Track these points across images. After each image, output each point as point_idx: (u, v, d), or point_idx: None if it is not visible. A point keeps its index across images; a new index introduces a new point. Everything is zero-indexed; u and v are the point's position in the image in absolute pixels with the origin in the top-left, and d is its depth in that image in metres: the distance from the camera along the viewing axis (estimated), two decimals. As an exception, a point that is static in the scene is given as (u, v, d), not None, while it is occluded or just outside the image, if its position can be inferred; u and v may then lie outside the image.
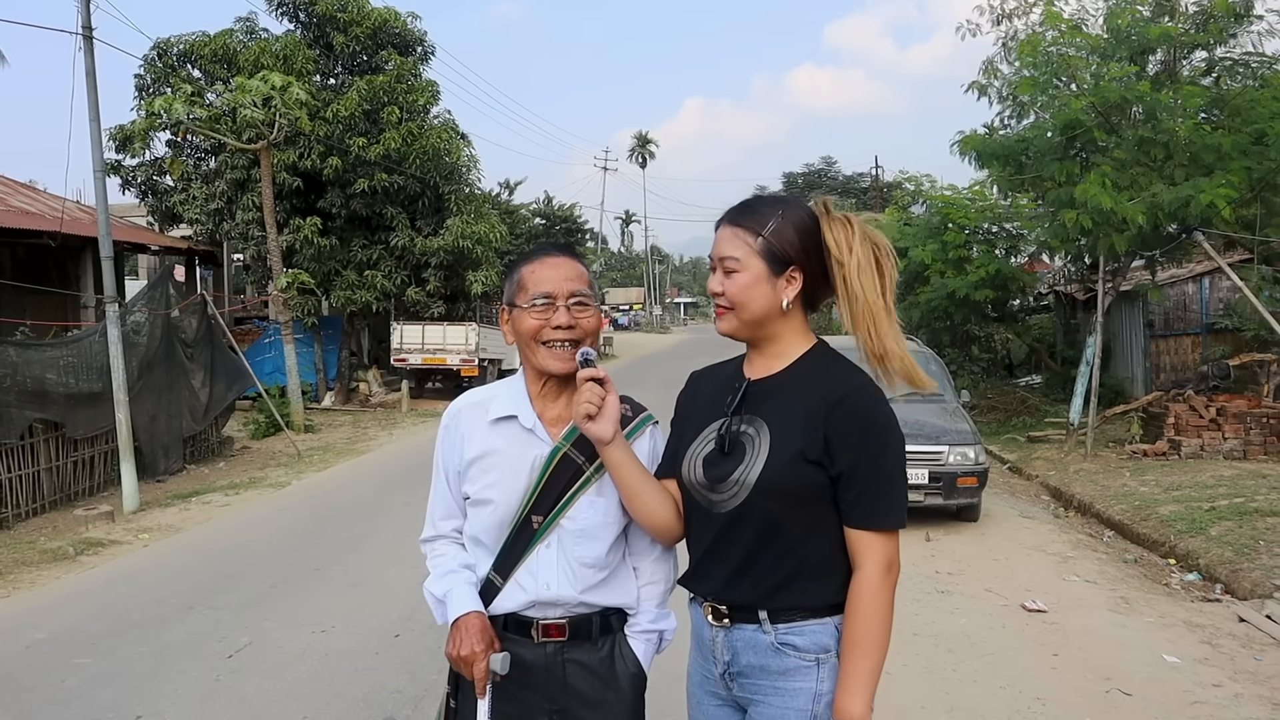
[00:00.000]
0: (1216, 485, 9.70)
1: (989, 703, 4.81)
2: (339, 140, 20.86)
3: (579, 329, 2.18)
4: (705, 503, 2.10)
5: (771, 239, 2.05)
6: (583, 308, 2.20)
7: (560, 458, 2.19)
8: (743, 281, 2.06)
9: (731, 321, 2.11)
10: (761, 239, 2.06)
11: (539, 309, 2.18)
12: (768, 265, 2.06)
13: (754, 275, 2.06)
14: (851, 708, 1.96)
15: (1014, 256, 17.88)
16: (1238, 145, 11.33)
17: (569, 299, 2.18)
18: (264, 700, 4.88)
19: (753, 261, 2.06)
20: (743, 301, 2.07)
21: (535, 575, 2.18)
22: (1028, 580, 7.16)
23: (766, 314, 2.08)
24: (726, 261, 2.08)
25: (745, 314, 2.08)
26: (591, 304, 2.22)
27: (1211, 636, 5.85)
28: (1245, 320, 14.48)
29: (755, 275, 2.06)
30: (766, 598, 2.06)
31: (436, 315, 23.56)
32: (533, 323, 2.18)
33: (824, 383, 2.04)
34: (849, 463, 1.98)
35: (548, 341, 2.18)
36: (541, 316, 2.18)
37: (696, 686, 2.24)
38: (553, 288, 2.18)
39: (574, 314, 2.18)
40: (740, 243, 2.07)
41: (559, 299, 2.17)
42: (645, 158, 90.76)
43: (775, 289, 2.07)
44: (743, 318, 2.09)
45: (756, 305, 2.07)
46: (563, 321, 2.16)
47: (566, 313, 2.17)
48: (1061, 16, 13.06)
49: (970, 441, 8.86)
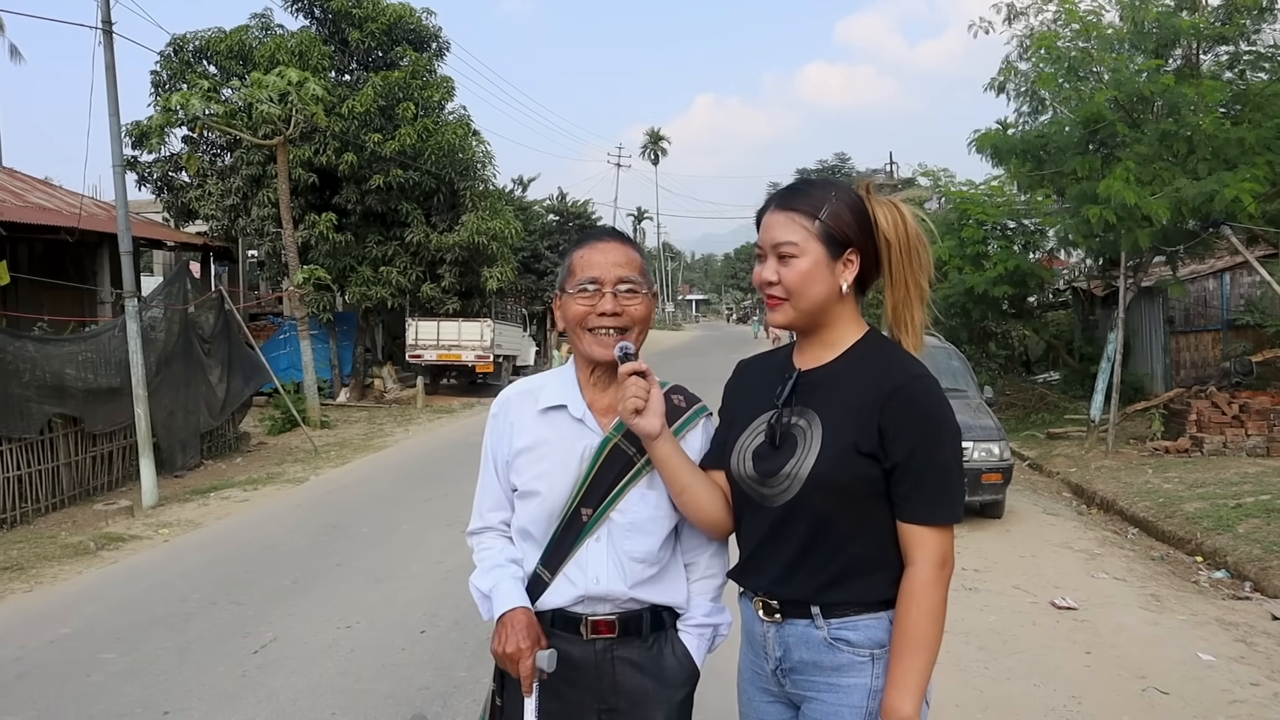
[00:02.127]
0: (1241, 482, 9.60)
1: (1024, 701, 4.75)
2: (354, 136, 20.87)
3: (626, 316, 2.12)
4: (756, 496, 2.04)
5: (829, 221, 2.00)
6: (631, 295, 2.14)
7: (611, 449, 2.13)
8: (802, 267, 2.00)
9: (788, 312, 2.04)
10: (819, 222, 1.99)
11: (586, 295, 2.13)
12: (826, 248, 2.00)
13: (813, 260, 2.00)
14: (901, 707, 1.90)
15: (1032, 252, 17.77)
16: (1261, 139, 11.22)
17: (616, 285, 2.13)
18: (291, 695, 4.86)
19: (811, 245, 1.99)
20: (801, 289, 2.00)
21: (584, 569, 2.13)
22: (1056, 577, 7.09)
23: (825, 300, 2.02)
24: (783, 247, 2.01)
25: (803, 302, 2.02)
26: (641, 291, 2.16)
27: (1246, 634, 5.78)
28: (1267, 316, 14.36)
29: (815, 260, 2.00)
30: (819, 592, 2.00)
31: (451, 311, 23.58)
32: (579, 308, 2.13)
33: (878, 372, 1.98)
34: (904, 455, 1.92)
35: (594, 329, 2.13)
36: (588, 302, 2.12)
37: (748, 683, 2.19)
38: (600, 273, 2.13)
39: (621, 301, 2.12)
40: (797, 227, 2.01)
41: (606, 285, 2.12)
42: (658, 154, 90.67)
43: (834, 273, 2.01)
44: (800, 306, 2.03)
45: (815, 291, 2.01)
46: (608, 308, 2.11)
47: (613, 299, 2.11)
48: (1078, 13, 12.97)
49: (995, 438, 8.79)
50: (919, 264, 2.03)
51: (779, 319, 2.07)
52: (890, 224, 2.01)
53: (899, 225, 2.01)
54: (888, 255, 2.01)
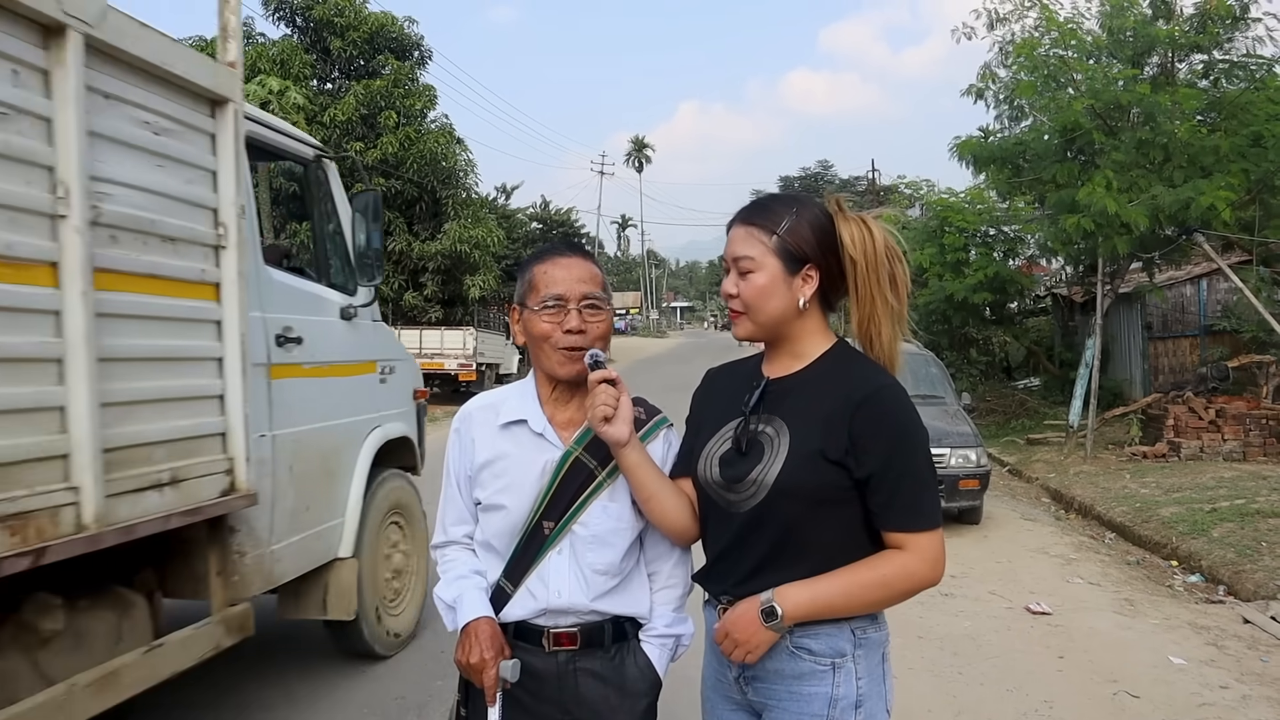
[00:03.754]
0: (1217, 487, 9.69)
1: (996, 705, 4.79)
2: (336, 144, 20.86)
3: (589, 334, 2.13)
4: (722, 502, 2.05)
5: (787, 237, 2.01)
6: (594, 311, 2.14)
7: (572, 462, 2.14)
8: (758, 282, 2.01)
9: (747, 325, 2.07)
10: (776, 237, 2.01)
11: (550, 311, 2.13)
12: (783, 264, 2.01)
13: (770, 275, 2.01)
14: (790, 596, 1.94)
15: (1012, 259, 17.90)
16: (1236, 147, 11.36)
17: (580, 301, 2.13)
18: (265, 705, 4.84)
19: (768, 260, 2.01)
20: (758, 303, 2.02)
21: (546, 582, 2.14)
22: (1031, 583, 7.14)
23: (783, 315, 2.03)
24: (741, 261, 2.03)
25: (761, 316, 2.04)
26: (604, 307, 2.17)
27: (1217, 638, 5.84)
28: (1243, 322, 14.51)
29: (771, 275, 2.01)
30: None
31: (434, 320, 23.57)
32: (544, 326, 2.13)
33: (847, 382, 2.00)
34: (878, 465, 1.93)
35: (561, 347, 2.13)
36: (552, 320, 2.13)
37: (711, 690, 2.21)
38: (564, 290, 2.13)
39: (585, 317, 2.12)
40: (755, 241, 2.02)
41: (570, 302, 2.12)
42: (642, 162, 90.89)
43: (791, 288, 2.02)
44: (758, 320, 2.04)
45: (772, 306, 2.02)
46: (573, 325, 2.11)
47: (578, 316, 2.12)
48: (1058, 20, 13.09)
49: (972, 444, 8.84)
50: (890, 280, 2.02)
51: (740, 332, 2.10)
52: (856, 242, 2.00)
53: (865, 243, 2.00)
54: (853, 272, 2.01)
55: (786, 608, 1.93)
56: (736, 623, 1.98)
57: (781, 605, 1.93)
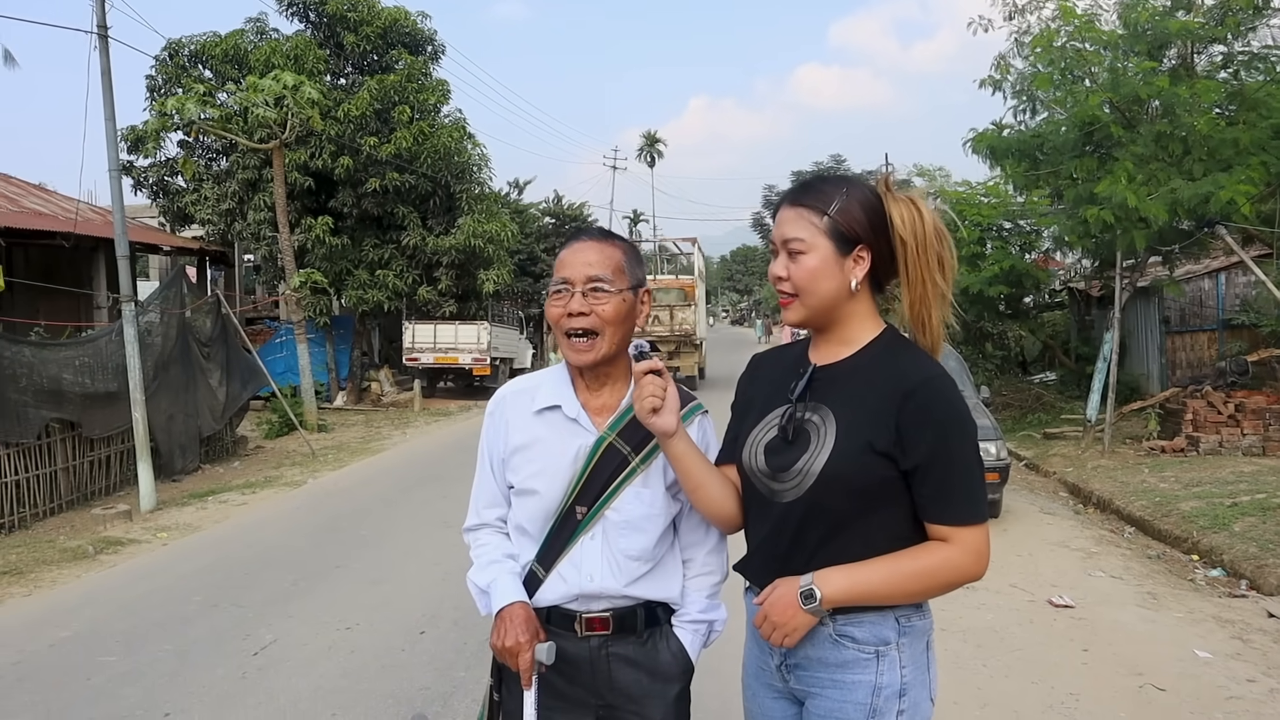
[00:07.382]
0: (1237, 481, 9.63)
1: (1022, 698, 4.77)
2: (350, 139, 20.87)
3: (594, 316, 2.11)
4: (766, 491, 2.03)
5: (838, 217, 1.97)
6: (600, 295, 2.12)
7: (605, 448, 2.15)
8: (810, 264, 1.98)
9: (798, 310, 2.03)
10: (827, 218, 1.98)
11: (559, 295, 2.15)
12: (835, 245, 1.98)
13: (821, 256, 1.98)
14: (832, 580, 1.92)
15: (1028, 253, 17.81)
16: (1256, 140, 11.24)
17: (586, 284, 2.12)
18: (292, 697, 4.86)
19: (819, 241, 1.98)
20: (809, 286, 1.99)
21: (579, 567, 2.14)
22: (1053, 576, 7.11)
23: (835, 297, 2.00)
24: (791, 243, 2.00)
25: (812, 299, 2.00)
26: (610, 290, 2.13)
27: (1242, 632, 5.80)
28: (1262, 316, 14.41)
29: (823, 256, 1.98)
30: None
31: (448, 314, 23.58)
32: (554, 310, 2.15)
33: (895, 371, 1.96)
34: (925, 457, 1.90)
35: (567, 331, 2.14)
36: (560, 303, 2.14)
37: (752, 678, 2.20)
38: (570, 273, 2.13)
39: (589, 300, 2.11)
40: (805, 223, 1.99)
41: (575, 285, 2.12)
42: (654, 157, 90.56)
43: (844, 270, 1.99)
44: (809, 303, 2.01)
45: (825, 288, 1.99)
46: (576, 308, 2.11)
47: (581, 299, 2.11)
48: (1075, 12, 12.99)
49: (991, 437, 8.80)
50: (938, 263, 1.99)
51: (791, 317, 2.06)
52: (906, 222, 1.97)
53: (916, 223, 1.97)
54: (903, 253, 1.98)
55: (826, 591, 1.92)
56: (775, 604, 1.97)
57: (821, 588, 1.92)
